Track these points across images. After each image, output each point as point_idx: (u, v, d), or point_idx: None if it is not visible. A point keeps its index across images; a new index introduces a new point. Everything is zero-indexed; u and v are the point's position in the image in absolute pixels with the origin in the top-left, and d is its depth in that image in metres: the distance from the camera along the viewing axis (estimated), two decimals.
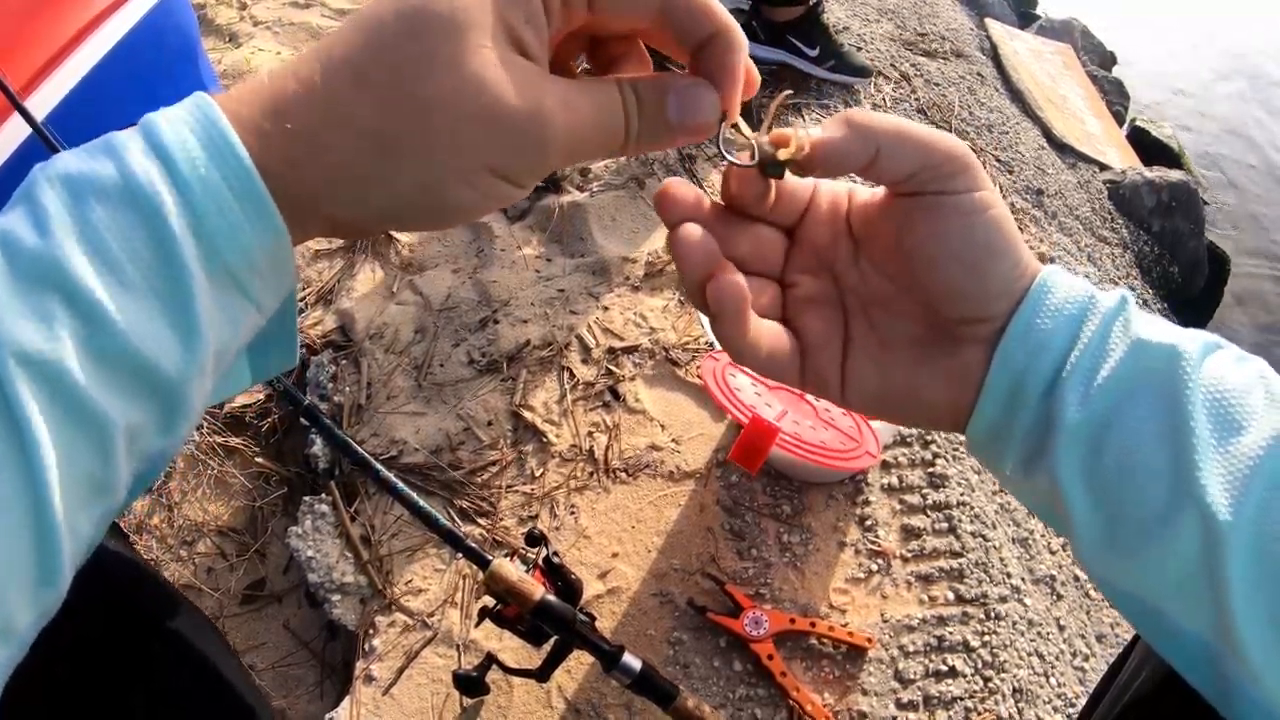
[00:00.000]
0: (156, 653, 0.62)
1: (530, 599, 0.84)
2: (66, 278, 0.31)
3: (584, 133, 0.38)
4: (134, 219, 0.32)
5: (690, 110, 0.40)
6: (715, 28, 0.40)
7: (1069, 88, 2.99)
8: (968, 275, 0.43)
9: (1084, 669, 1.28)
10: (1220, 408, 0.40)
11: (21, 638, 0.31)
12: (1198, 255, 2.72)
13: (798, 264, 0.48)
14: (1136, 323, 0.42)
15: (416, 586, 1.21)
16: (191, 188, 0.33)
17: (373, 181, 0.36)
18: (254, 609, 1.34)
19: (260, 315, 0.38)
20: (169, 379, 0.33)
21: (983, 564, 1.26)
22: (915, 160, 0.42)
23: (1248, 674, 0.39)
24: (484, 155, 0.36)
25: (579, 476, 1.30)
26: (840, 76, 2.11)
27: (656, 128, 0.40)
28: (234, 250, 0.34)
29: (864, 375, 0.47)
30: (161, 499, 1.42)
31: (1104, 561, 0.43)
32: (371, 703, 1.11)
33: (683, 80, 0.40)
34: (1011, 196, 2.15)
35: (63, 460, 0.31)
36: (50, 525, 0.31)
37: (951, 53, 2.61)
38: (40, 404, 0.30)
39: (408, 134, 0.35)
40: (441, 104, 0.35)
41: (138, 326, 0.32)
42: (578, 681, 1.12)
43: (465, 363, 1.43)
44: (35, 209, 0.32)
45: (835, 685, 1.13)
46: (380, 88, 0.35)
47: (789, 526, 1.25)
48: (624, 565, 1.22)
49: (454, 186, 0.37)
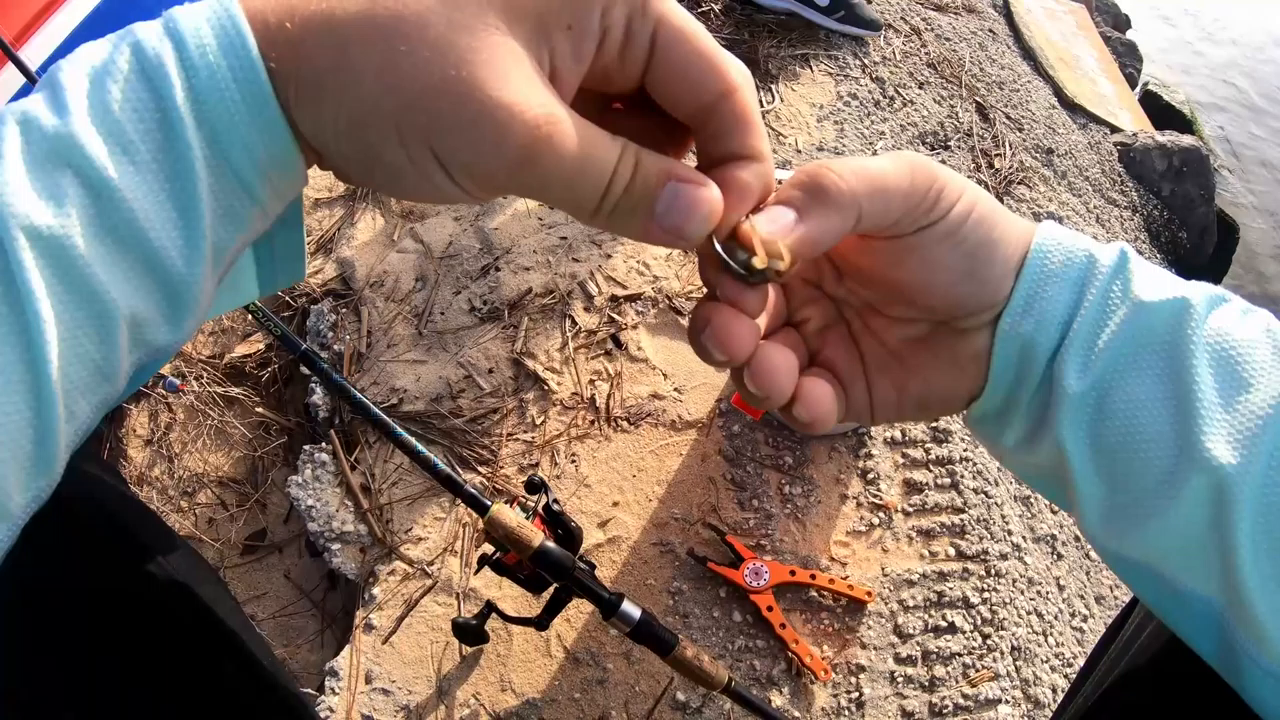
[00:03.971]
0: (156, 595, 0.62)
1: (529, 545, 0.84)
2: (80, 155, 0.31)
3: (554, 164, 0.33)
4: (145, 97, 0.33)
5: (681, 209, 0.35)
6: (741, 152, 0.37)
7: (1082, 48, 2.95)
8: (964, 283, 0.42)
9: (1082, 629, 1.28)
10: (1226, 364, 0.39)
11: (15, 519, 0.32)
12: (1207, 221, 2.69)
13: (798, 299, 0.47)
14: (1137, 281, 0.41)
15: (416, 535, 1.20)
16: (198, 71, 0.33)
17: (324, 98, 0.34)
18: (255, 559, 1.35)
19: (263, 214, 0.37)
20: (172, 264, 0.34)
21: (984, 520, 1.25)
22: (898, 209, 0.40)
23: (1255, 639, 0.38)
24: (425, 131, 0.33)
25: (580, 425, 1.29)
26: (850, 28, 2.08)
27: (635, 210, 0.35)
28: (234, 139, 0.34)
29: (885, 395, 0.46)
30: (162, 450, 1.42)
31: (1110, 529, 0.42)
32: (372, 651, 1.11)
33: (692, 176, 0.35)
34: (1021, 154, 2.12)
35: (64, 338, 0.31)
36: (48, 402, 0.31)
37: (963, 8, 2.56)
38: (45, 279, 0.30)
39: (369, 67, 0.33)
40: (418, 61, 0.32)
41: (144, 205, 0.32)
42: (577, 630, 1.12)
43: (466, 310, 1.41)
44: (55, 91, 0.32)
45: (834, 638, 1.13)
46: (379, 18, 0.33)
47: (791, 478, 1.25)
48: (624, 514, 1.21)
49: (388, 144, 0.34)
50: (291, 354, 0.92)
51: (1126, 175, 2.52)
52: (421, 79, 0.32)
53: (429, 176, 0.34)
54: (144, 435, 1.43)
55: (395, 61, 0.32)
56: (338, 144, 0.35)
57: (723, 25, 2.04)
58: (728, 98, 0.36)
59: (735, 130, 0.36)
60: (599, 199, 0.35)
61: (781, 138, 1.82)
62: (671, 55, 0.35)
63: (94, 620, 0.56)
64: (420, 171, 0.34)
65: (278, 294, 1.50)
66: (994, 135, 2.11)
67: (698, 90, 0.36)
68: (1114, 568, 0.44)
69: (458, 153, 0.33)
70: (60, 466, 0.33)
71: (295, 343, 0.91)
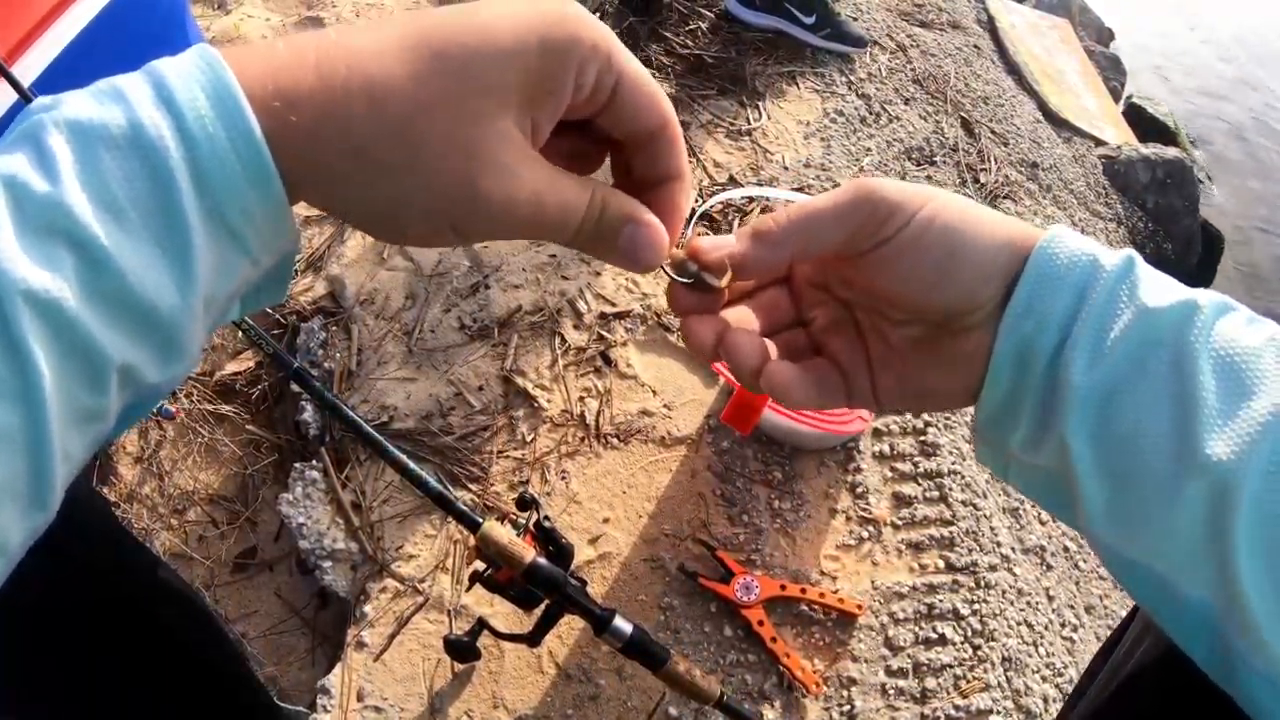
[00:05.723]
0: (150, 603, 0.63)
1: (521, 561, 0.84)
2: (74, 224, 0.32)
3: (542, 223, 0.41)
4: (140, 168, 0.33)
5: (639, 249, 0.43)
6: (671, 173, 0.44)
7: (1066, 62, 2.98)
8: (937, 290, 0.44)
9: (1073, 639, 1.29)
10: (1230, 371, 0.40)
11: (12, 554, 0.33)
12: (1191, 232, 2.72)
13: (807, 301, 0.52)
14: (1144, 286, 0.42)
15: (408, 552, 1.21)
16: (198, 144, 0.34)
17: (346, 192, 0.38)
18: (245, 577, 1.34)
19: (255, 269, 0.39)
20: (165, 320, 0.35)
21: (973, 532, 1.26)
22: (841, 232, 0.45)
23: (1251, 643, 0.39)
24: (449, 215, 0.39)
25: (570, 442, 1.30)
26: (836, 45, 2.10)
27: (601, 242, 0.43)
28: (234, 207, 0.35)
29: (888, 386, 0.49)
30: (152, 468, 1.41)
31: (1111, 529, 0.43)
32: (363, 669, 1.11)
33: (647, 219, 0.43)
34: (1006, 169, 2.14)
35: (60, 391, 0.32)
36: (47, 454, 0.32)
37: (948, 24, 2.59)
38: (42, 340, 0.31)
39: (391, 169, 0.37)
40: (434, 159, 0.37)
41: (138, 271, 0.33)
42: (569, 647, 1.12)
43: (456, 328, 1.42)
44: (43, 154, 0.33)
45: (825, 651, 1.14)
46: (390, 121, 0.36)
47: (780, 493, 1.25)
48: (615, 531, 1.22)
49: (414, 223, 0.39)
50: (283, 371, 0.92)
51: (1111, 187, 2.55)
52: (440, 181, 0.38)
53: (439, 238, 0.40)
54: (134, 453, 1.43)
55: (412, 163, 0.37)
56: (347, 216, 0.40)
57: (710, 43, 2.06)
58: (666, 128, 0.43)
59: (669, 154, 0.44)
60: (571, 235, 0.42)
61: (769, 154, 1.84)
62: (627, 98, 0.41)
63: (94, 624, 0.56)
64: (433, 236, 0.40)
65: (267, 311, 1.50)
66: (979, 150, 2.13)
67: (644, 122, 0.43)
68: (1112, 567, 0.45)
69: (474, 231, 0.40)
70: (56, 505, 0.34)
71: (287, 360, 0.92)
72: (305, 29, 2.08)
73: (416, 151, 0.37)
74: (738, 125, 1.89)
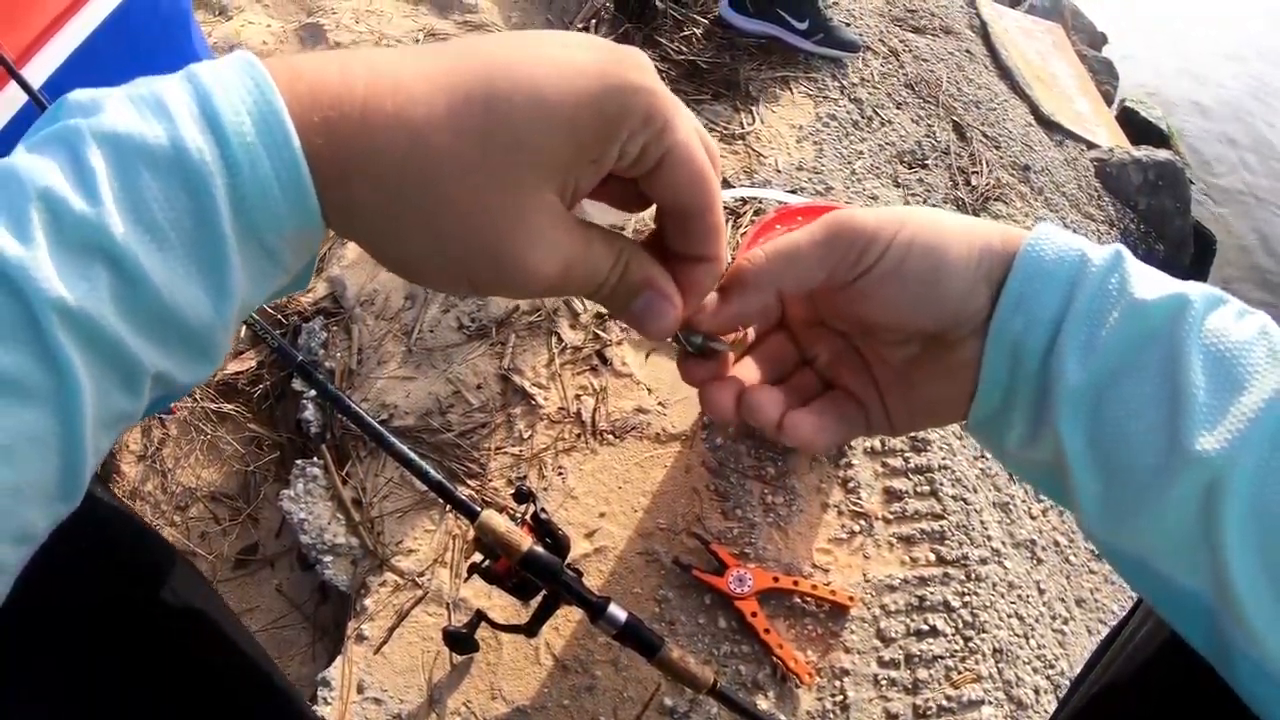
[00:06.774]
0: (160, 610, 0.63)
1: (518, 549, 0.86)
2: (111, 243, 0.32)
3: (564, 289, 0.41)
4: (180, 191, 0.33)
5: (651, 316, 0.43)
6: (704, 255, 0.43)
7: (1058, 66, 3.00)
8: (923, 309, 0.45)
9: (1064, 631, 1.31)
10: (1221, 365, 0.40)
11: (39, 539, 0.35)
12: (1183, 234, 2.74)
13: (806, 340, 0.53)
14: (1134, 280, 0.42)
15: (407, 547, 1.22)
16: (241, 170, 0.34)
17: (370, 226, 0.38)
18: (247, 573, 1.36)
19: (287, 276, 0.40)
20: (199, 332, 0.36)
21: (964, 526, 1.28)
22: (821, 268, 0.46)
23: (1245, 634, 0.39)
24: (468, 272, 0.39)
25: (567, 438, 1.32)
26: (829, 50, 2.12)
27: (617, 302, 0.43)
28: (272, 232, 0.36)
29: (899, 411, 0.50)
30: (155, 465, 1.43)
31: (1106, 523, 0.43)
32: (363, 661, 1.13)
33: (664, 290, 0.43)
34: (998, 171, 2.17)
35: (96, 395, 0.33)
36: (80, 455, 0.33)
37: (941, 29, 2.61)
38: (80, 352, 0.32)
39: (417, 221, 0.37)
40: (461, 218, 0.37)
41: (174, 288, 0.34)
42: (565, 638, 1.14)
43: (455, 328, 1.44)
44: (81, 169, 0.32)
45: (818, 643, 1.16)
46: (426, 175, 0.36)
47: (773, 488, 1.27)
48: (611, 525, 1.24)
49: (430, 274, 0.40)
50: (287, 366, 0.94)
51: (1103, 190, 2.56)
52: (466, 241, 0.38)
53: (456, 289, 0.41)
54: (137, 450, 1.45)
55: (439, 218, 0.37)
56: (366, 248, 0.41)
57: (704, 49, 2.09)
58: (706, 214, 0.42)
59: (705, 237, 0.43)
60: (590, 294, 0.43)
61: (762, 158, 1.86)
62: (669, 174, 0.40)
63: (94, 622, 0.57)
64: (450, 287, 0.41)
65: (268, 311, 1.53)
66: (971, 153, 2.16)
67: (685, 201, 0.41)
68: (1110, 560, 0.45)
69: (492, 290, 0.41)
70: (82, 495, 0.35)
71: (291, 355, 0.93)
72: (304, 35, 2.11)
73: (445, 208, 0.37)
74: (732, 129, 1.91)
